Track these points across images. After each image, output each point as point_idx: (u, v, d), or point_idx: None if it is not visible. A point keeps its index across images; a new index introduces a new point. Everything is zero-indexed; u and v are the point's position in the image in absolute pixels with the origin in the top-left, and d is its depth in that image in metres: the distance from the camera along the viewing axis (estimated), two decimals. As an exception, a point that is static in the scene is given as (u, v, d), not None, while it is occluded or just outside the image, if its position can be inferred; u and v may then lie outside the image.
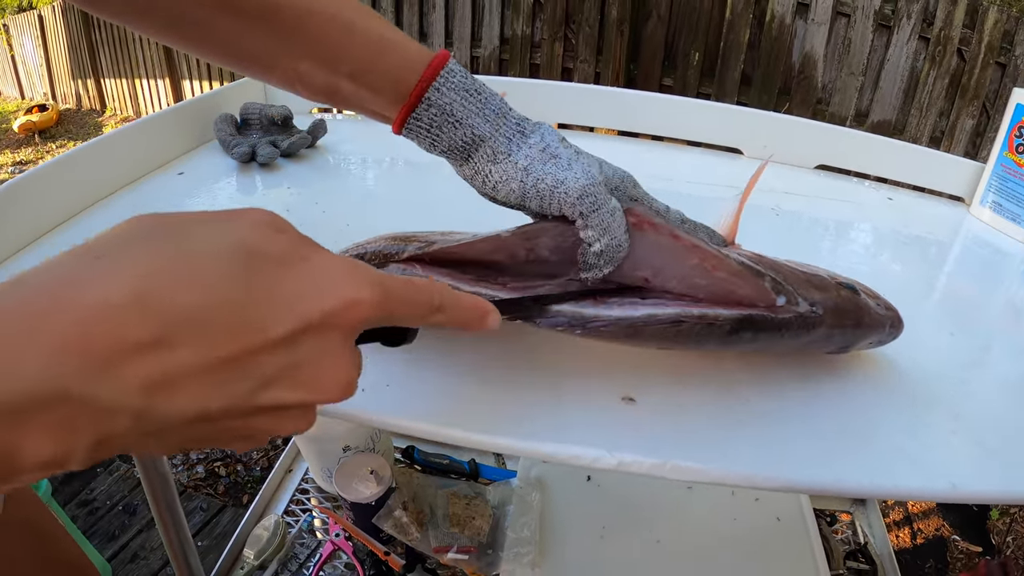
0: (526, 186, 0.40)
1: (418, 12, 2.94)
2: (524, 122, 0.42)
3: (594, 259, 0.40)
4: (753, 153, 0.87)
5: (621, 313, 0.39)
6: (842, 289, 0.44)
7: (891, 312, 0.45)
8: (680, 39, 2.51)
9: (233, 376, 0.23)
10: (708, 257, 0.40)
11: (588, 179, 0.39)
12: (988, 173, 0.76)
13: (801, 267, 0.45)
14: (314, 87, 0.42)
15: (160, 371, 0.21)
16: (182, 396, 0.22)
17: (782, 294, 0.40)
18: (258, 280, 0.23)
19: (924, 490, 0.37)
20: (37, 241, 0.58)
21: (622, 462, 0.37)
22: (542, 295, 0.40)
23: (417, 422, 0.39)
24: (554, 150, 0.40)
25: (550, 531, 0.99)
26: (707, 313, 0.38)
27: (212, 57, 0.42)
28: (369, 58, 0.40)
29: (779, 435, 0.40)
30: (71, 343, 0.20)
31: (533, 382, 0.42)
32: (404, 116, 0.41)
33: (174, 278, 0.22)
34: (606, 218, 0.39)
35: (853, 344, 0.44)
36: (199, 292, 0.22)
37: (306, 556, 1.06)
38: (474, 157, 0.41)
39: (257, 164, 0.76)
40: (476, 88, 0.41)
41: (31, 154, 4.37)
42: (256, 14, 0.39)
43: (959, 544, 1.51)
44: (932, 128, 2.26)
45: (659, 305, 0.39)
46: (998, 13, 2.06)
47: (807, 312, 0.40)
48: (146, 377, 0.21)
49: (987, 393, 0.46)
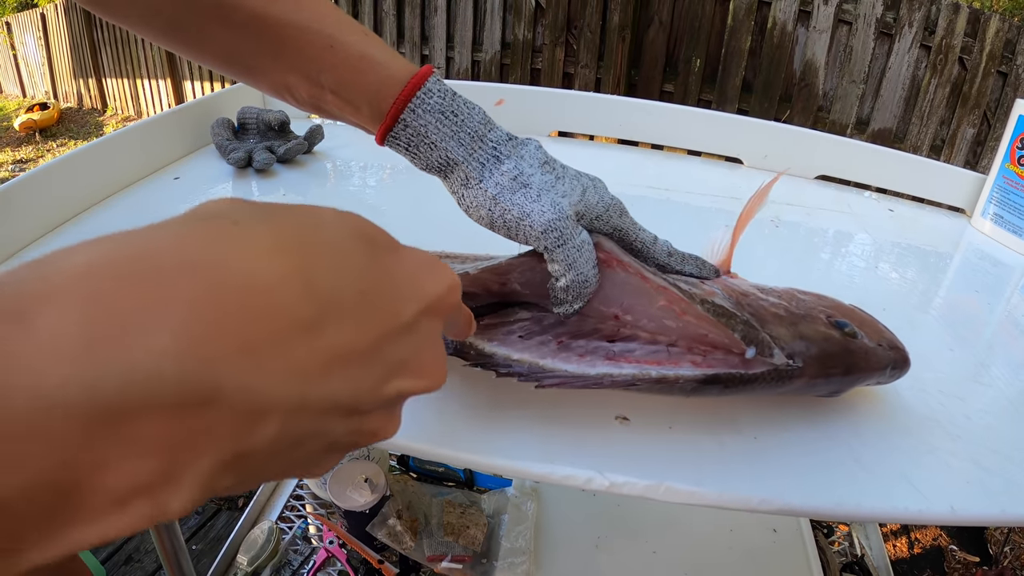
0: (493, 215, 0.40)
1: (420, 16, 2.94)
2: (502, 145, 0.40)
3: (562, 294, 0.39)
4: (753, 163, 0.86)
5: (577, 370, 0.38)
6: (833, 331, 0.40)
7: (895, 352, 0.42)
8: (682, 45, 2.51)
9: (374, 360, 0.21)
10: (676, 300, 0.39)
11: (554, 213, 0.38)
12: (989, 185, 0.76)
13: (795, 301, 0.43)
14: (301, 99, 0.42)
15: (319, 356, 0.18)
16: (335, 384, 0.19)
17: (753, 345, 0.38)
18: (379, 264, 0.22)
19: (923, 514, 0.36)
20: (31, 245, 0.58)
21: (614, 483, 0.36)
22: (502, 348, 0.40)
23: (408, 441, 0.39)
24: (526, 178, 0.39)
25: (545, 541, 0.99)
26: (666, 375, 0.37)
27: (209, 63, 0.43)
28: (350, 74, 0.40)
29: (775, 457, 0.39)
30: (220, 320, 0.15)
31: (526, 399, 0.41)
32: (383, 134, 0.41)
33: (328, 256, 0.20)
34: (572, 253, 0.38)
35: (843, 390, 0.41)
36: (350, 275, 0.20)
37: (300, 563, 1.06)
38: (450, 178, 0.41)
39: (253, 170, 0.75)
40: (453, 109, 0.40)
41: (32, 152, 4.36)
42: (245, 24, 0.39)
43: (957, 554, 1.50)
44: (933, 137, 2.26)
45: (616, 363, 0.38)
46: (1000, 22, 2.06)
47: (782, 365, 0.38)
48: (306, 364, 0.18)
49: (987, 412, 0.46)
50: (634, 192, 0.77)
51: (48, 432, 0.13)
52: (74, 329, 0.14)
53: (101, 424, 0.13)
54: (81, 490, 0.14)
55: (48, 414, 0.13)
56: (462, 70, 2.92)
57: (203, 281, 0.16)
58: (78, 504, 0.14)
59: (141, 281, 0.15)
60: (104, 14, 0.41)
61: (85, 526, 0.14)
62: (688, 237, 0.66)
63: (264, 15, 0.39)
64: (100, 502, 0.14)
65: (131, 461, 0.14)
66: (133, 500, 0.14)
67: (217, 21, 0.39)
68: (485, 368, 0.39)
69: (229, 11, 0.39)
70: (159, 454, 0.14)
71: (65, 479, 0.13)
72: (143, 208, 0.65)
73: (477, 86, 0.91)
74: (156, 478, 0.15)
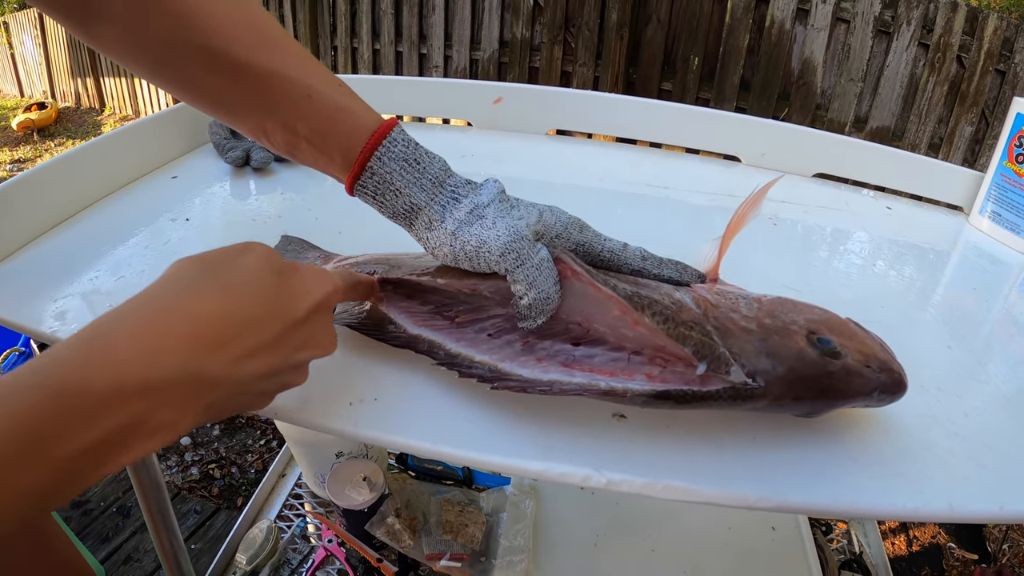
0: (455, 249, 0.42)
1: (418, 15, 2.94)
2: (460, 188, 0.43)
3: (525, 311, 0.40)
4: (751, 161, 0.86)
5: (531, 375, 0.39)
6: (810, 349, 0.38)
7: (885, 375, 0.38)
8: (680, 44, 2.51)
9: (281, 346, 0.33)
10: (627, 311, 0.39)
11: (510, 235, 0.40)
12: (987, 182, 0.76)
13: (774, 314, 0.41)
14: (276, 144, 0.44)
15: (243, 351, 0.31)
16: (257, 363, 0.32)
17: (705, 360, 0.36)
18: (281, 286, 0.34)
19: (921, 511, 0.36)
20: (30, 244, 0.58)
21: (612, 481, 0.36)
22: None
23: (406, 438, 0.39)
24: (481, 211, 0.41)
25: (544, 539, 0.99)
26: (615, 388, 0.37)
27: (192, 102, 0.44)
28: (324, 124, 0.42)
29: (773, 455, 0.39)
30: (195, 340, 0.29)
31: (523, 398, 0.41)
32: (352, 181, 0.43)
33: (239, 295, 0.32)
34: (531, 272, 0.40)
35: (819, 412, 0.39)
36: (255, 300, 0.33)
37: (298, 562, 1.06)
38: (415, 224, 0.44)
39: (251, 169, 0.75)
40: (416, 157, 0.42)
41: (29, 152, 4.35)
42: (228, 70, 0.41)
43: (955, 552, 1.50)
44: (931, 135, 2.26)
45: (569, 371, 0.38)
46: (998, 20, 2.06)
47: (740, 384, 0.36)
48: (237, 356, 0.31)
49: (984, 409, 0.46)
50: (632, 190, 0.77)
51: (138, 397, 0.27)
52: (132, 352, 0.28)
53: (152, 394, 0.28)
54: (142, 424, 0.28)
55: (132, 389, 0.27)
56: (460, 68, 2.92)
57: (185, 324, 0.30)
58: (140, 431, 0.28)
59: (153, 328, 0.29)
60: (95, 45, 0.42)
61: (144, 441, 0.28)
62: (686, 235, 0.66)
63: (247, 63, 0.40)
64: (148, 430, 0.28)
65: (162, 411, 0.28)
66: (161, 431, 0.28)
67: (201, 65, 0.41)
68: (450, 368, 0.41)
69: (214, 57, 0.40)
70: (175, 407, 0.29)
71: (140, 415, 0.27)
72: (142, 207, 0.65)
73: (475, 84, 0.91)
74: (173, 419, 0.29)
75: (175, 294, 0.31)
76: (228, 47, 0.40)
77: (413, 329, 0.44)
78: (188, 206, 0.66)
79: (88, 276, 0.53)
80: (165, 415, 0.28)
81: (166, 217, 0.63)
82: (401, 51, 3.06)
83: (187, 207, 0.66)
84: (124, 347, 0.27)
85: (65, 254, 0.57)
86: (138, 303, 0.30)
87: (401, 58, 3.07)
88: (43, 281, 0.53)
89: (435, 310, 0.45)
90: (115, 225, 0.62)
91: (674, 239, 0.45)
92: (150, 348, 0.28)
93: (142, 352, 0.28)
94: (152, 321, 0.29)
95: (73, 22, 0.41)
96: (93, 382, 0.26)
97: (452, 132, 0.96)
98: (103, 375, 0.26)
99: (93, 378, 0.26)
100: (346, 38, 3.17)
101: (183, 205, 0.66)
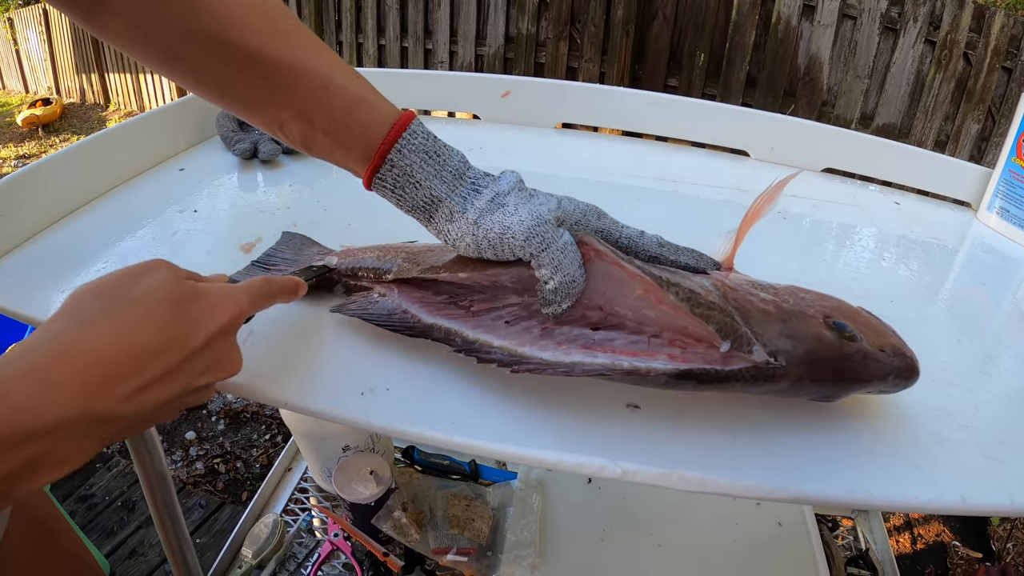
0: (478, 238, 0.41)
1: (423, 10, 2.93)
2: (480, 180, 0.43)
3: (551, 295, 0.40)
4: (760, 156, 0.86)
5: (552, 358, 0.38)
6: (828, 332, 0.38)
7: (899, 359, 0.38)
8: (685, 40, 2.50)
9: (179, 375, 0.33)
10: (651, 289, 0.39)
11: (534, 220, 0.40)
12: (996, 178, 0.76)
13: (791, 299, 0.41)
14: (293, 137, 0.43)
15: (137, 386, 0.31)
16: (154, 394, 0.32)
17: (729, 338, 0.37)
18: (179, 316, 0.34)
19: (934, 503, 0.36)
20: (38, 236, 0.58)
21: (626, 471, 0.36)
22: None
23: (420, 428, 0.39)
24: (502, 199, 0.42)
25: (550, 534, 0.99)
26: (638, 367, 0.37)
27: (204, 94, 0.44)
28: (342, 115, 0.42)
29: (786, 446, 0.39)
30: (86, 382, 0.30)
31: (536, 388, 0.41)
32: (371, 174, 0.42)
33: (133, 328, 0.32)
34: (557, 256, 0.39)
35: (837, 395, 0.39)
36: (150, 334, 0.32)
37: (304, 556, 1.06)
38: (435, 217, 0.43)
39: (259, 161, 0.75)
40: (436, 150, 0.42)
41: (35, 148, 4.36)
42: (243, 61, 0.40)
43: (960, 550, 1.50)
44: (937, 132, 2.25)
45: (591, 352, 0.38)
46: (1005, 17, 2.05)
47: (763, 363, 0.36)
48: (130, 391, 0.31)
49: (995, 403, 0.45)
50: (640, 184, 0.77)
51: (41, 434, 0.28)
52: (26, 397, 0.28)
53: (50, 435, 0.28)
54: (44, 458, 0.29)
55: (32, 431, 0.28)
56: (465, 64, 2.91)
57: (76, 365, 0.30)
58: (42, 465, 0.29)
59: (44, 372, 0.29)
60: (102, 35, 0.42)
61: (48, 473, 0.29)
62: (695, 229, 0.66)
63: (263, 54, 0.40)
64: (50, 463, 0.29)
65: (62, 447, 0.29)
66: (63, 463, 0.30)
67: (215, 55, 0.40)
68: (468, 354, 0.41)
69: (228, 47, 0.40)
70: (74, 443, 0.30)
71: (40, 453, 0.29)
72: (149, 199, 0.65)
73: (483, 77, 0.91)
74: (73, 452, 0.30)
75: (69, 330, 0.31)
76: (242, 37, 0.40)
77: (428, 318, 0.44)
78: (196, 198, 0.66)
79: (96, 267, 0.53)
80: (65, 450, 0.29)
81: (174, 209, 0.63)
82: (406, 47, 3.06)
83: (195, 199, 0.66)
84: (18, 392, 0.28)
85: (73, 246, 0.57)
86: (33, 343, 0.30)
87: (406, 54, 3.07)
88: (51, 273, 0.53)
89: (449, 300, 0.45)
90: (122, 217, 0.62)
91: (684, 232, 0.45)
92: (42, 392, 0.28)
93: (35, 396, 0.28)
94: (45, 365, 0.29)
95: (81, 12, 0.41)
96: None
97: (460, 125, 0.96)
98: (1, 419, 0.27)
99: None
100: (351, 34, 3.17)
101: (191, 197, 0.66)
